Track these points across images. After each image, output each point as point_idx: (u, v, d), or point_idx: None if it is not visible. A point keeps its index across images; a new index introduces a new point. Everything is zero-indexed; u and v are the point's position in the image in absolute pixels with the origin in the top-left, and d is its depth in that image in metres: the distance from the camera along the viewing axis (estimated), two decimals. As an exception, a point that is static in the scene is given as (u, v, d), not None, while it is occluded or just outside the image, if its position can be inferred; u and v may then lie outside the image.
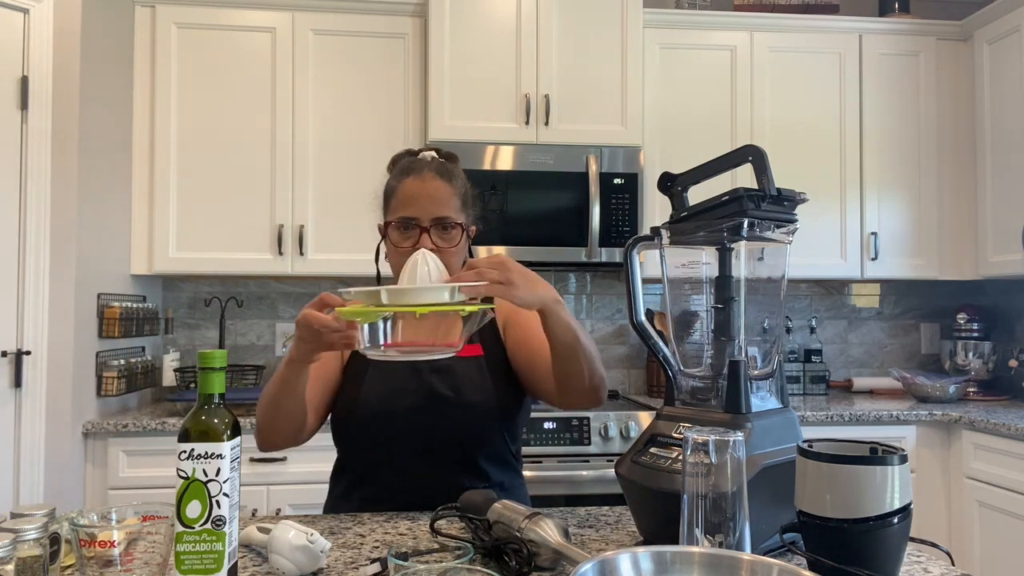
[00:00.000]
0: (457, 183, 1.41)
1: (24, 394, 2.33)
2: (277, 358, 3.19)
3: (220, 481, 0.84)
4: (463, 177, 1.45)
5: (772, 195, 1.03)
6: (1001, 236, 3.01)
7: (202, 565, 0.83)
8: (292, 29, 2.90)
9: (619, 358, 3.37)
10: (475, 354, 1.41)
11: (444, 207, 1.37)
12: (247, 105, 2.88)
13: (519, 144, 2.87)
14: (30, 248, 2.35)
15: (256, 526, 1.08)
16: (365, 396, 1.36)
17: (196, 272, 2.85)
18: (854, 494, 0.87)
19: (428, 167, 1.40)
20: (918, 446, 2.80)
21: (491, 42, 2.90)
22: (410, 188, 1.38)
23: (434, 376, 1.37)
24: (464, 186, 1.44)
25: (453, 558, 0.88)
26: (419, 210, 1.36)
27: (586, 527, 1.22)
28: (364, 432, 1.37)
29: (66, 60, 2.44)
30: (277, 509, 2.52)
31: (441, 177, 1.39)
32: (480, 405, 1.35)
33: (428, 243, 1.34)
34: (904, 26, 3.19)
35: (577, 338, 1.23)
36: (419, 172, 1.39)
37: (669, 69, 3.07)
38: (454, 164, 1.48)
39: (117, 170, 2.74)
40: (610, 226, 2.87)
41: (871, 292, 3.54)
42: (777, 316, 1.11)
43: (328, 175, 2.91)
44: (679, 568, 0.75)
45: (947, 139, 3.22)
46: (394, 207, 1.39)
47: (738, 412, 1.02)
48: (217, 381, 0.87)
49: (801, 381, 3.29)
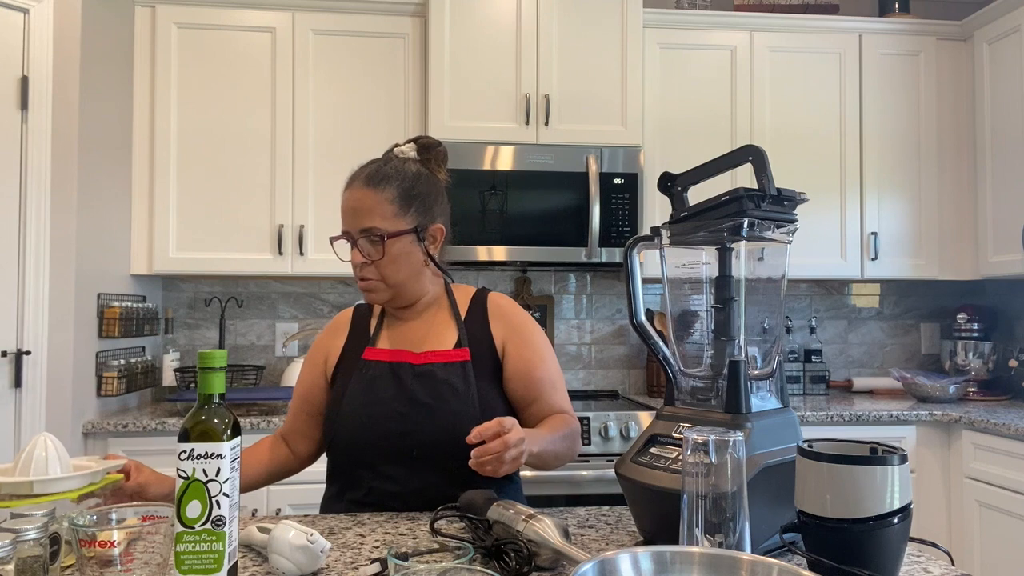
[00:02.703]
0: (390, 188, 1.35)
1: (24, 394, 2.33)
2: (277, 358, 3.19)
3: (220, 481, 0.84)
4: (407, 176, 1.38)
5: (772, 195, 1.03)
6: (1001, 236, 3.01)
7: (202, 565, 0.83)
8: (292, 29, 2.90)
9: (619, 358, 3.37)
10: (462, 359, 1.38)
11: (368, 218, 1.34)
12: (247, 105, 2.88)
13: (519, 144, 2.87)
14: (30, 248, 2.35)
15: (256, 526, 1.08)
16: (348, 404, 1.37)
17: (196, 272, 2.85)
18: (854, 494, 0.87)
19: (359, 178, 1.38)
20: (918, 446, 2.80)
21: (491, 42, 2.90)
22: (344, 202, 1.38)
23: (416, 382, 1.36)
24: (406, 185, 1.37)
25: (453, 558, 0.88)
26: (347, 223, 1.37)
27: (586, 527, 1.22)
28: (346, 439, 1.37)
29: (66, 60, 2.44)
30: (277, 509, 2.52)
31: (368, 186, 1.35)
32: (461, 412, 1.33)
33: (358, 257, 1.35)
34: (904, 26, 3.19)
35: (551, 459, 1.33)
36: (350, 184, 1.39)
37: (669, 69, 3.07)
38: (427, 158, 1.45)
39: (117, 170, 2.74)
40: (610, 226, 2.87)
41: (871, 292, 3.54)
42: (777, 316, 1.11)
43: (328, 175, 2.91)
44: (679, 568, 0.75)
45: (947, 139, 3.22)
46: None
47: (738, 412, 1.02)
48: (217, 381, 0.87)
49: (801, 381, 3.29)
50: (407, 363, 1.39)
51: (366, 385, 1.38)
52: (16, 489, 1.03)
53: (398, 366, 1.39)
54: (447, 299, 1.48)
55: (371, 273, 1.37)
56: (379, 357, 1.41)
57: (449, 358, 1.39)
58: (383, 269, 1.36)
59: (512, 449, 1.12)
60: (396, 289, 1.39)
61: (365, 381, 1.39)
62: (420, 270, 1.41)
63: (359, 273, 1.37)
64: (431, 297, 1.46)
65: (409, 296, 1.42)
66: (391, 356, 1.40)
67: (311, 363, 1.50)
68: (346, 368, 1.43)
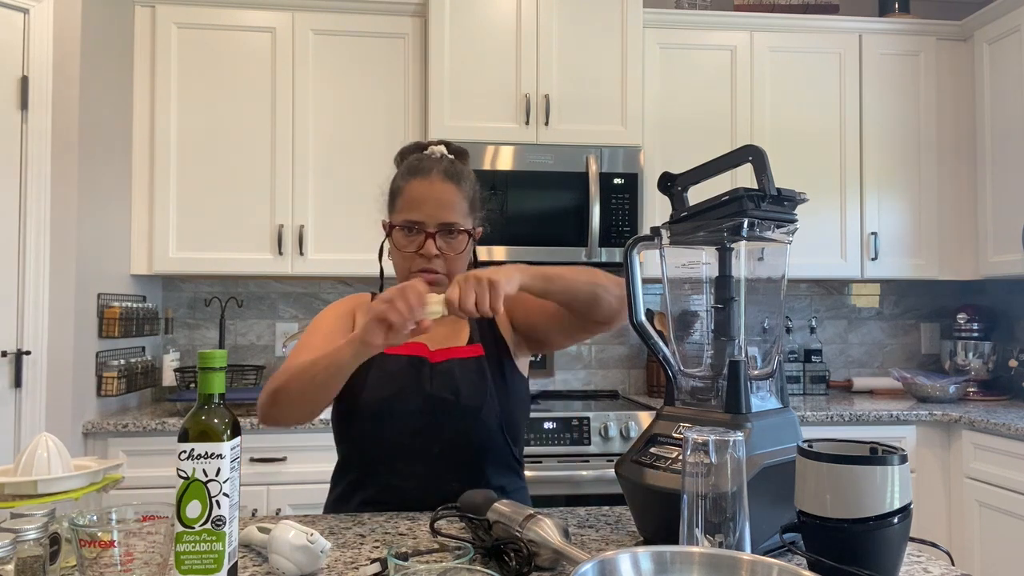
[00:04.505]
0: (466, 185, 1.37)
1: (24, 394, 2.33)
2: (277, 358, 3.19)
3: (220, 481, 0.84)
4: (472, 178, 1.40)
5: (772, 195, 1.03)
6: (1001, 236, 3.01)
7: (202, 565, 0.83)
8: (292, 29, 2.90)
9: (619, 358, 3.37)
10: (476, 355, 1.39)
11: (451, 212, 1.33)
12: (247, 105, 2.88)
13: (519, 144, 2.87)
14: (30, 248, 2.35)
15: (256, 526, 1.08)
16: (366, 397, 1.35)
17: (196, 272, 2.85)
18: (854, 494, 0.87)
19: (436, 168, 1.35)
20: (918, 446, 2.80)
21: (491, 42, 2.90)
22: (416, 190, 1.34)
23: (435, 378, 1.36)
24: (473, 188, 1.39)
25: (453, 558, 0.88)
26: (425, 214, 1.33)
27: (586, 527, 1.22)
28: (364, 433, 1.36)
29: (66, 60, 2.44)
30: (277, 509, 2.52)
31: (450, 180, 1.34)
32: (480, 408, 1.34)
33: (432, 249, 1.32)
34: (904, 26, 3.19)
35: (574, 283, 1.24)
36: (426, 173, 1.35)
37: (669, 69, 3.07)
38: (464, 163, 1.43)
39: (117, 170, 2.74)
40: (610, 226, 2.87)
41: (871, 292, 3.54)
42: (777, 316, 1.11)
43: (328, 175, 2.91)
44: (679, 568, 0.75)
45: (947, 139, 3.22)
46: (400, 208, 1.36)
47: (738, 412, 1.02)
48: (217, 381, 0.87)
49: (801, 381, 3.29)
50: (425, 358, 1.38)
51: (386, 380, 1.36)
52: (19, 489, 1.03)
53: (418, 361, 1.37)
54: None
55: (439, 266, 1.34)
56: (397, 351, 1.38)
57: (465, 354, 1.38)
58: (453, 264, 1.34)
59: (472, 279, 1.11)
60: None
61: (384, 376, 1.36)
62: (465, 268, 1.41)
63: (428, 265, 1.33)
64: None
65: None
66: (409, 350, 1.38)
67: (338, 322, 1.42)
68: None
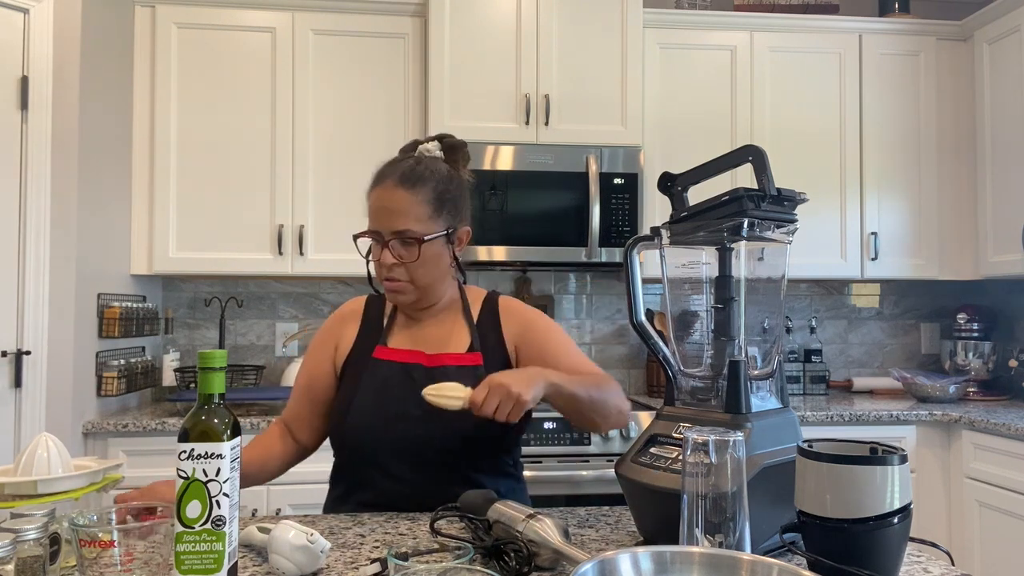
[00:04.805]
0: (425, 189, 1.32)
1: (24, 394, 2.33)
2: (277, 358, 3.19)
3: (220, 481, 0.84)
4: (441, 177, 1.35)
5: (772, 195, 1.03)
6: (1001, 236, 3.01)
7: (202, 565, 0.83)
8: (292, 29, 2.90)
9: (619, 358, 3.37)
10: (474, 363, 1.38)
11: (402, 220, 1.30)
12: (247, 105, 2.88)
13: (519, 144, 2.87)
14: (30, 248, 2.35)
15: (256, 526, 1.08)
16: (359, 403, 1.35)
17: (196, 272, 2.85)
18: (854, 494, 0.87)
19: (392, 175, 1.33)
20: (918, 446, 2.80)
21: (491, 42, 2.90)
22: (373, 200, 1.34)
23: (429, 383, 1.36)
24: (440, 188, 1.34)
25: (453, 558, 0.88)
26: (379, 223, 1.32)
27: (586, 527, 1.22)
28: (357, 439, 1.35)
29: (66, 60, 2.44)
30: (277, 509, 2.52)
31: (403, 186, 1.31)
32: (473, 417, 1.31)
33: (388, 258, 1.32)
34: (904, 26, 3.19)
35: (582, 404, 1.26)
36: (382, 181, 1.34)
37: (669, 69, 3.07)
38: (454, 158, 1.40)
39: (117, 170, 2.74)
40: (610, 226, 2.87)
41: (871, 292, 3.54)
42: (777, 316, 1.11)
43: (328, 175, 2.91)
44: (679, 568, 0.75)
45: (947, 139, 3.21)
46: (369, 217, 1.37)
47: (738, 412, 1.02)
48: (217, 381, 0.87)
49: (801, 381, 3.29)
50: (420, 365, 1.37)
51: (379, 386, 1.36)
52: (19, 489, 1.03)
53: (412, 367, 1.37)
54: (461, 301, 1.46)
55: (401, 275, 1.33)
56: (391, 357, 1.38)
57: (462, 362, 1.37)
58: (414, 271, 1.33)
59: (500, 389, 1.13)
60: (423, 291, 1.36)
61: (377, 381, 1.36)
62: (446, 272, 1.39)
63: (387, 274, 1.34)
64: (448, 299, 1.45)
65: (433, 298, 1.40)
66: (403, 357, 1.38)
67: (320, 348, 1.45)
68: (356, 364, 1.40)
